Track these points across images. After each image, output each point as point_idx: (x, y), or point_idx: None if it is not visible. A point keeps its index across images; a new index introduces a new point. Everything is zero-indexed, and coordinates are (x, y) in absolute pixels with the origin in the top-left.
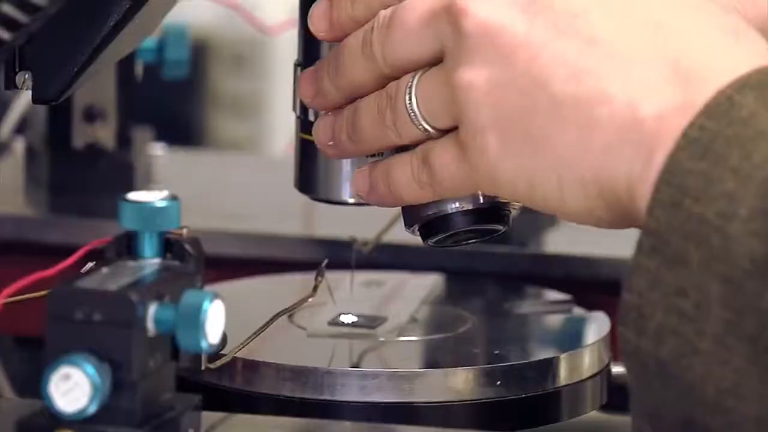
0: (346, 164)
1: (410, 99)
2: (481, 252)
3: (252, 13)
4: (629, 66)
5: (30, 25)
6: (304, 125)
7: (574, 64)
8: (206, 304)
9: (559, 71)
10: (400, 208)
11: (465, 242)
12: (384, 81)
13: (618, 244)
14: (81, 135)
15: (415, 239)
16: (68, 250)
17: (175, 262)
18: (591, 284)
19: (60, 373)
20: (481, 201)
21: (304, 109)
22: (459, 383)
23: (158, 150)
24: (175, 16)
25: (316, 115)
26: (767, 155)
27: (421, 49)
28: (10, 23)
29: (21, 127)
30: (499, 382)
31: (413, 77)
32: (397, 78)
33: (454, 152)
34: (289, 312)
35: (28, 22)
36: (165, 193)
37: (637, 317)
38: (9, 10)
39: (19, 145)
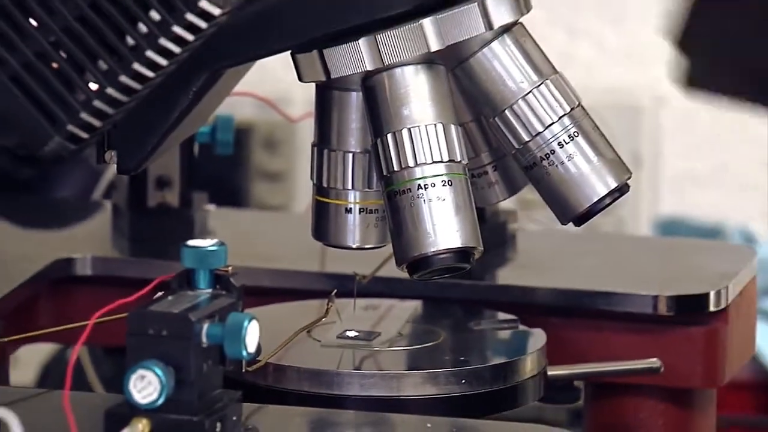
0: (350, 219)
1: None
2: (451, 284)
3: (281, 106)
4: None
5: (116, 115)
6: (319, 190)
7: None
8: (245, 323)
9: None
10: (391, 249)
11: (439, 276)
12: None
13: (550, 278)
14: (153, 197)
15: (402, 273)
16: (143, 283)
17: (222, 292)
18: (531, 308)
19: (137, 375)
20: (453, 247)
21: (318, 178)
22: (434, 382)
23: (211, 209)
24: (223, 108)
25: (328, 183)
26: None
27: None
28: (100, 114)
29: (109, 191)
30: (464, 381)
31: None
32: None
33: None
34: (307, 329)
35: (114, 113)
36: (215, 240)
37: None
38: (99, 104)
39: (108, 204)
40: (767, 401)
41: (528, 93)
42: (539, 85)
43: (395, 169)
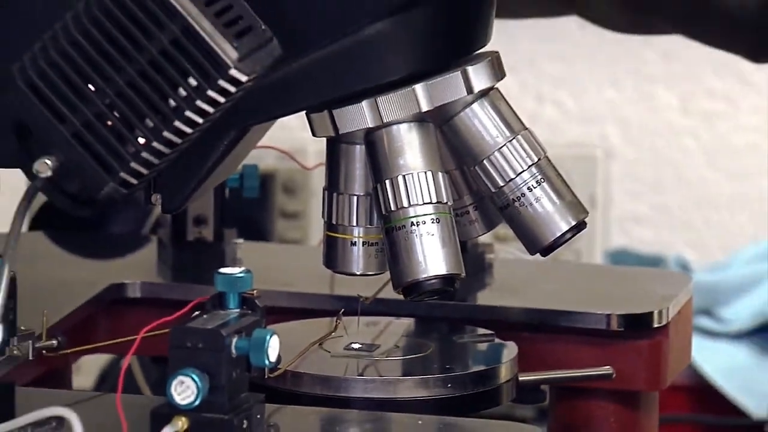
0: (355, 250)
1: None
2: (438, 304)
3: (297, 157)
4: None
5: (160, 165)
6: (329, 227)
7: None
8: (268, 338)
9: None
10: (389, 276)
11: (429, 298)
12: None
13: (520, 300)
14: (192, 233)
15: (398, 295)
16: (183, 304)
17: (248, 311)
18: (504, 325)
19: (177, 380)
20: (440, 274)
21: (329, 217)
22: (425, 386)
23: (239, 242)
24: (249, 158)
25: (337, 221)
26: None
27: None
28: (147, 163)
29: (155, 227)
30: (449, 385)
31: None
32: None
33: None
34: (319, 342)
35: (159, 163)
36: (242, 268)
37: None
38: (146, 155)
39: (154, 238)
40: (701, 402)
41: (502, 146)
42: (512, 140)
43: (392, 209)
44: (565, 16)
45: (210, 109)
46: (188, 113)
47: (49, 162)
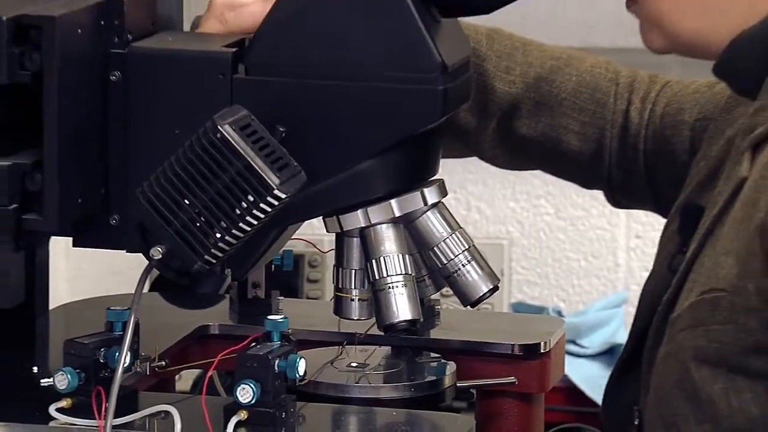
0: (353, 304)
1: None
2: (406, 338)
3: (318, 245)
4: None
5: (231, 250)
6: (336, 289)
7: None
8: (297, 360)
9: None
10: (375, 319)
11: (399, 334)
12: None
13: (458, 335)
14: (250, 293)
15: (380, 332)
16: (245, 338)
17: (286, 343)
18: (448, 351)
19: (241, 387)
20: (407, 318)
21: (336, 283)
22: (397, 390)
23: (281, 299)
24: (287, 246)
25: (342, 285)
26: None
27: None
28: (222, 250)
29: (228, 289)
30: (413, 389)
31: None
32: None
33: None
34: (330, 362)
35: (230, 249)
36: (282, 315)
37: None
38: (221, 245)
39: (227, 296)
40: (570, 397)
41: (446, 238)
42: (451, 234)
43: (377, 278)
44: (471, 158)
45: (261, 216)
46: (247, 218)
47: (160, 249)
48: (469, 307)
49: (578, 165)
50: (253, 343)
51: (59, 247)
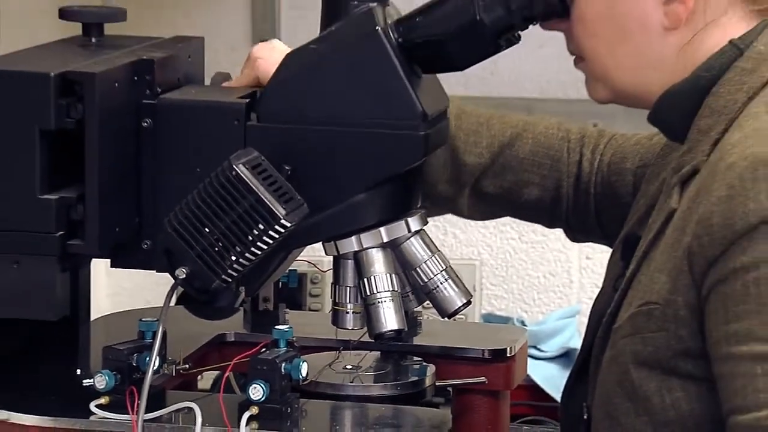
0: (348, 316)
1: None
2: (393, 344)
3: (318, 265)
4: None
5: (244, 271)
6: (334, 303)
7: None
8: (300, 364)
9: None
10: (367, 328)
11: (387, 341)
12: None
13: (437, 341)
14: (261, 306)
15: (371, 340)
16: (256, 345)
17: (291, 349)
18: (428, 356)
19: (252, 386)
20: (394, 328)
21: (334, 297)
22: (385, 389)
23: (287, 311)
24: (292, 266)
25: (338, 299)
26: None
27: None
28: (237, 270)
29: (242, 303)
30: (399, 388)
31: None
32: None
33: None
34: (329, 364)
35: (243, 269)
36: (288, 326)
37: None
38: (236, 266)
39: (242, 309)
40: (532, 394)
41: (427, 260)
42: (431, 257)
43: (368, 294)
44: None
45: (270, 242)
46: (258, 244)
47: (184, 270)
48: (446, 318)
49: (541, 211)
50: (263, 349)
51: (100, 267)
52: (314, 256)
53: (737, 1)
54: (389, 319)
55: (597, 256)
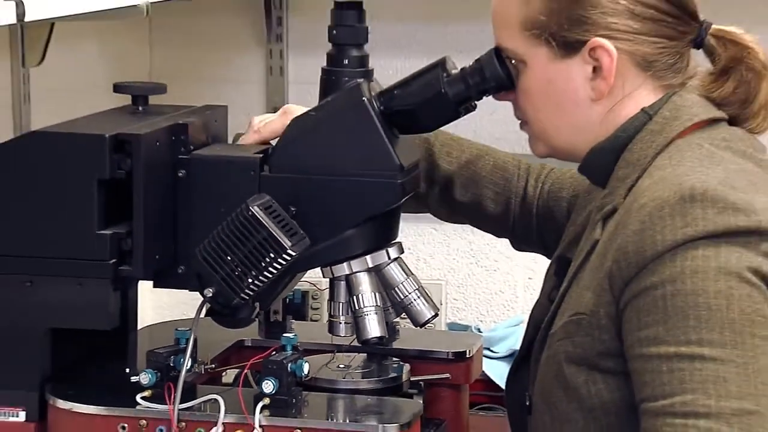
0: (341, 326)
1: None
2: (376, 347)
3: (317, 285)
4: None
5: (258, 291)
6: (330, 315)
7: None
8: (303, 363)
9: None
10: (356, 335)
11: (373, 345)
12: None
13: (410, 344)
14: (272, 317)
15: (358, 344)
16: (267, 349)
17: (295, 352)
18: (404, 356)
19: (265, 381)
20: (377, 335)
21: (330, 311)
22: (371, 383)
23: (293, 322)
24: (297, 286)
25: (333, 312)
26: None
27: None
28: (252, 290)
29: (257, 315)
30: (381, 382)
31: None
32: None
33: None
34: (325, 364)
35: (257, 290)
36: (294, 333)
37: None
38: (251, 287)
39: (257, 320)
40: (487, 387)
41: (403, 281)
42: (407, 278)
43: (357, 308)
44: (423, 213)
45: (279, 268)
46: (269, 269)
47: (211, 290)
48: (418, 326)
49: (493, 221)
50: (274, 352)
51: (146, 286)
52: (314, 278)
53: (647, 78)
54: (373, 328)
55: (537, 278)
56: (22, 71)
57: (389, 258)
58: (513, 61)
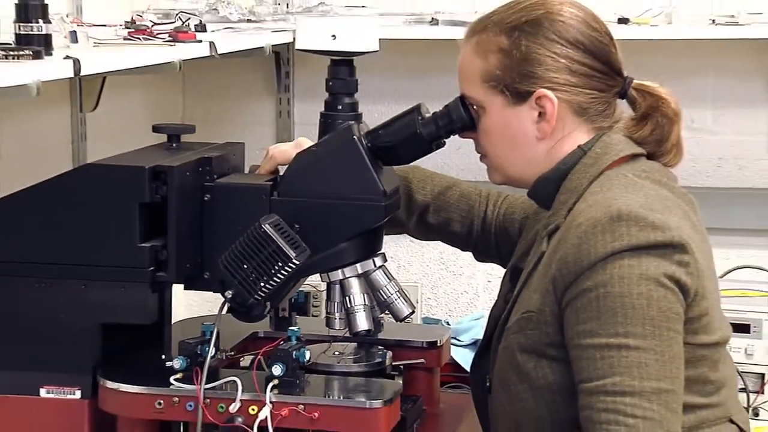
0: (337, 322)
1: None
2: (365, 338)
3: (316, 287)
4: None
5: (269, 293)
6: (327, 313)
7: None
8: (305, 351)
9: None
10: (349, 328)
11: (363, 336)
12: None
13: (393, 335)
14: (281, 313)
15: (350, 335)
16: (276, 339)
17: (299, 342)
18: (387, 345)
19: (275, 365)
20: (366, 328)
21: (327, 308)
22: (360, 367)
23: (297, 318)
24: (301, 288)
25: (330, 310)
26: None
27: None
28: (264, 293)
29: (268, 312)
30: (369, 366)
31: None
32: None
33: None
34: (323, 351)
35: (268, 293)
36: (298, 326)
37: None
38: (264, 290)
39: (269, 316)
40: (454, 370)
41: (386, 285)
42: (389, 282)
43: (348, 306)
44: (401, 234)
45: (285, 274)
46: (278, 275)
47: (230, 292)
48: (399, 321)
49: (459, 239)
50: (282, 342)
51: (179, 288)
52: (314, 282)
53: (582, 122)
54: (362, 323)
55: (495, 281)
56: (79, 115)
57: (375, 266)
58: (475, 107)
